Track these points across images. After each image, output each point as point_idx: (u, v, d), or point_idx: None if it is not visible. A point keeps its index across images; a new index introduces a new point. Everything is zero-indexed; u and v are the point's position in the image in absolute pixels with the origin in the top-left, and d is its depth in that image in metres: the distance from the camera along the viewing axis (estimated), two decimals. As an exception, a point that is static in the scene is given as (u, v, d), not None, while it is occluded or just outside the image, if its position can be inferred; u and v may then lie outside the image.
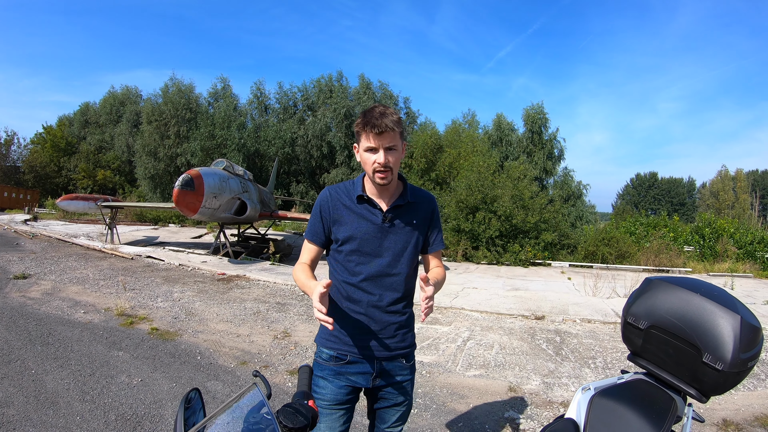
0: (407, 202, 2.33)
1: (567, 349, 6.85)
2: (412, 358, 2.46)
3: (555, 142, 31.44)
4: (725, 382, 2.01)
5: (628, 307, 2.41)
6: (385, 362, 2.33)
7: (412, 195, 2.37)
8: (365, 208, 2.29)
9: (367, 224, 2.28)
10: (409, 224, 2.34)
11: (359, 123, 2.17)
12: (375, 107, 2.18)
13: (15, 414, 4.10)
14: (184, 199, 12.40)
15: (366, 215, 2.29)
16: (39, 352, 5.61)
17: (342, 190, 2.37)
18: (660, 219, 24.91)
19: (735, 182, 57.76)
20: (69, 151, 42.23)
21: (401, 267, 2.31)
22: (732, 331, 1.97)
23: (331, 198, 2.34)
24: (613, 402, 2.14)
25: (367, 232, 2.27)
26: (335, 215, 2.31)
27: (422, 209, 2.40)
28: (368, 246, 2.27)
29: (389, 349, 2.32)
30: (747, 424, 4.70)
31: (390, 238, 2.29)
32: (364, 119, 2.14)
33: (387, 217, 2.28)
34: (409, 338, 2.41)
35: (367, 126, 2.12)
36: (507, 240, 17.98)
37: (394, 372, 2.36)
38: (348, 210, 2.30)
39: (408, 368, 2.42)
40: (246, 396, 1.28)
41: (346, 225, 2.29)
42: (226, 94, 33.67)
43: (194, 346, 6.20)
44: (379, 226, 2.28)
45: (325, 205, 2.33)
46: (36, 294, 8.36)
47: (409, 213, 2.34)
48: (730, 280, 14.47)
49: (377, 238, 2.28)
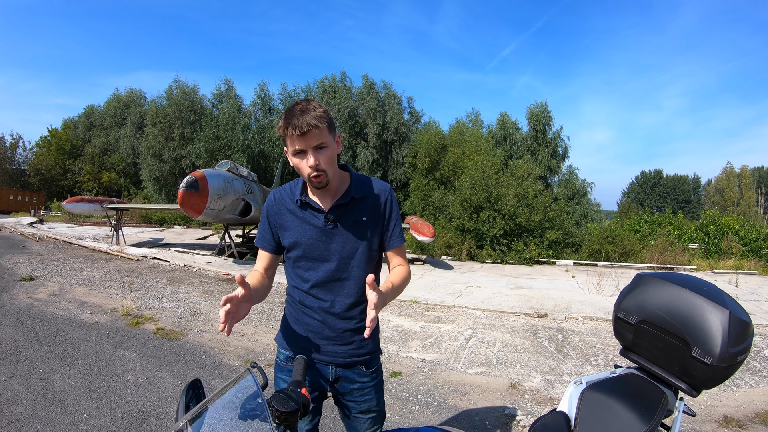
0: (351, 199, 2.14)
1: (569, 346, 6.89)
2: (374, 364, 2.32)
3: (559, 141, 31.39)
4: (714, 376, 2.03)
5: (619, 303, 2.45)
6: (342, 369, 2.22)
7: (358, 189, 2.17)
8: (308, 212, 2.15)
9: (310, 228, 2.13)
10: (357, 223, 2.15)
11: (281, 126, 1.97)
12: (296, 104, 1.99)
13: (23, 412, 4.17)
14: (188, 200, 12.49)
15: (308, 219, 2.14)
16: (46, 351, 5.68)
17: (286, 193, 2.23)
18: (664, 216, 24.91)
19: (740, 179, 57.48)
20: (74, 153, 42.46)
21: (352, 271, 2.16)
22: (720, 326, 1.99)
23: (275, 203, 2.23)
24: (603, 395, 2.18)
25: (311, 237, 2.13)
26: (280, 221, 2.20)
27: (372, 204, 2.20)
28: (314, 251, 2.14)
29: (345, 356, 2.20)
30: (748, 421, 4.71)
31: (336, 241, 2.13)
32: (285, 121, 1.95)
33: (329, 219, 2.12)
34: (368, 345, 2.26)
35: (289, 127, 1.92)
36: (511, 239, 18.05)
37: (353, 379, 2.24)
38: (291, 215, 2.18)
39: (368, 375, 2.28)
40: (240, 382, 1.34)
41: (291, 230, 2.17)
42: (230, 95, 33.75)
43: (199, 345, 6.27)
44: (322, 230, 2.12)
45: (271, 210, 2.23)
46: (43, 295, 8.45)
47: (355, 210, 2.16)
48: (735, 277, 14.47)
49: (322, 242, 2.13)
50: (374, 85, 31.54)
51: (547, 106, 31.10)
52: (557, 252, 18.73)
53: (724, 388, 5.52)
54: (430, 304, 9.05)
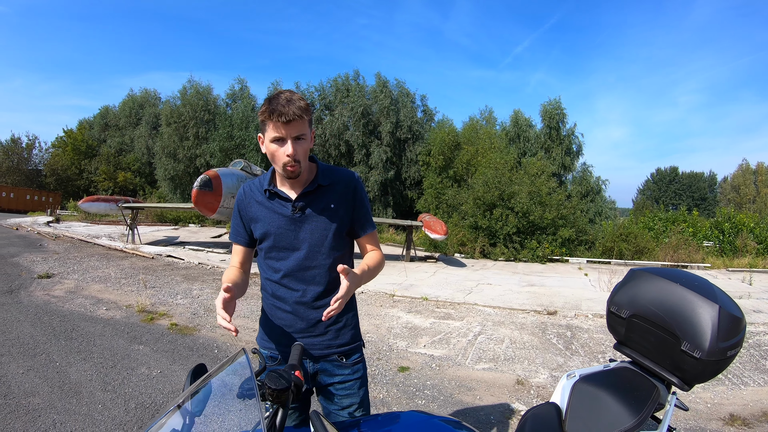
0: (318, 186, 2.15)
1: (577, 343, 6.92)
2: (355, 356, 2.30)
3: (573, 138, 31.22)
4: (705, 371, 2.06)
5: (612, 297, 2.49)
6: (321, 361, 2.22)
7: (324, 177, 2.18)
8: (276, 202, 2.16)
9: (278, 218, 2.14)
10: (325, 210, 2.16)
11: (264, 111, 1.98)
12: (281, 93, 2.00)
13: (40, 402, 4.29)
14: (202, 199, 12.65)
15: (277, 208, 2.15)
16: (63, 346, 5.82)
17: (255, 186, 2.25)
18: (679, 214, 24.74)
19: (756, 176, 56.88)
20: (89, 153, 42.97)
21: (321, 258, 2.16)
22: (710, 320, 2.02)
23: (245, 196, 2.24)
24: (595, 388, 2.23)
25: (280, 227, 2.14)
26: (250, 213, 2.21)
27: (339, 191, 2.20)
28: (283, 240, 2.15)
29: (321, 348, 2.19)
30: (754, 420, 4.71)
31: (305, 229, 2.14)
32: (269, 107, 1.95)
33: (296, 207, 2.13)
34: (345, 335, 2.25)
35: (274, 114, 1.93)
36: (524, 236, 18.04)
37: (332, 371, 2.23)
38: (260, 206, 2.19)
39: (349, 367, 2.26)
40: (237, 360, 1.43)
41: (260, 222, 2.18)
42: (244, 94, 33.97)
43: (212, 340, 6.39)
44: (290, 218, 2.13)
45: (242, 203, 2.24)
46: (60, 292, 8.62)
47: (322, 198, 2.17)
48: (749, 275, 14.37)
49: (291, 230, 2.14)
50: (387, 83, 31.58)
51: (561, 103, 30.96)
52: (570, 250, 18.68)
53: (731, 386, 5.52)
54: (440, 301, 9.11)
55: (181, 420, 1.29)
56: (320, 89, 34.04)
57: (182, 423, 1.28)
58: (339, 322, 2.23)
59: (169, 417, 1.29)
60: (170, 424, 1.27)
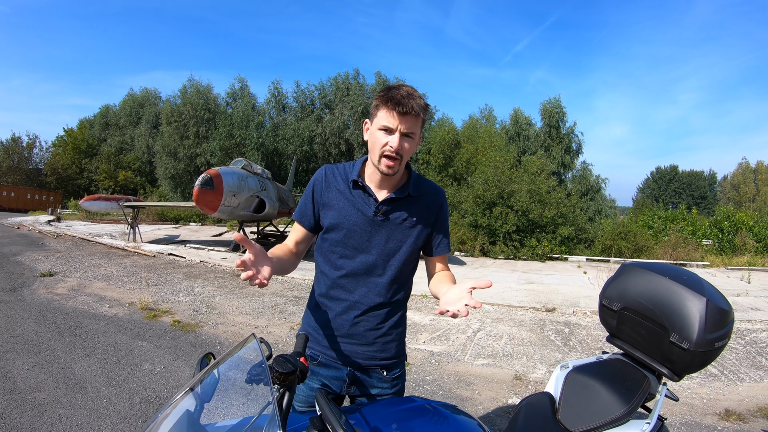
0: (407, 196, 2.02)
1: (575, 340, 7.00)
2: (396, 371, 2.18)
3: (573, 136, 31.40)
4: (693, 361, 2.14)
5: (604, 291, 2.58)
6: (360, 372, 2.10)
7: (415, 188, 2.05)
8: (359, 195, 2.02)
9: (356, 214, 2.00)
10: (407, 221, 2.04)
11: (381, 96, 1.84)
12: (402, 85, 1.86)
13: (46, 398, 4.37)
14: (204, 197, 12.72)
15: (357, 203, 2.01)
16: (67, 342, 5.90)
17: (339, 171, 2.11)
18: (678, 212, 24.80)
19: (756, 174, 56.94)
20: (90, 153, 43.04)
21: (389, 269, 2.05)
22: (698, 313, 2.09)
23: (326, 179, 2.09)
24: (587, 378, 2.32)
25: (356, 224, 2.00)
26: (326, 198, 2.06)
27: (425, 205, 2.09)
28: (355, 239, 2.02)
29: (365, 358, 2.08)
30: (750, 415, 4.78)
31: (381, 234, 2.01)
32: (388, 93, 1.83)
33: (380, 210, 1.99)
34: (391, 349, 2.13)
35: (391, 102, 1.80)
36: (524, 235, 18.11)
37: (370, 384, 2.12)
38: (340, 194, 2.04)
39: (389, 381, 2.14)
40: (247, 346, 1.51)
41: (334, 211, 2.03)
42: (244, 93, 34.11)
43: (214, 336, 6.47)
44: (369, 219, 1.99)
45: (319, 185, 2.09)
46: (62, 290, 8.69)
47: (408, 208, 2.03)
48: (747, 273, 14.44)
49: (366, 231, 2.01)
50: (387, 81, 31.69)
51: (561, 102, 31.15)
52: (570, 248, 18.77)
53: (727, 382, 5.60)
54: (439, 298, 9.16)
55: (193, 402, 1.37)
56: (320, 88, 34.19)
57: (194, 405, 1.36)
58: (389, 335, 2.11)
59: (182, 399, 1.37)
60: (183, 405, 1.35)
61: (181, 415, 1.32)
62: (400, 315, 2.18)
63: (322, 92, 34.15)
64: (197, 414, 1.35)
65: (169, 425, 1.27)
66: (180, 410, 1.33)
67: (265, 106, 34.57)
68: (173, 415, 1.31)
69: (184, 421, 1.30)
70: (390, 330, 2.11)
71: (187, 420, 1.31)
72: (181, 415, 1.31)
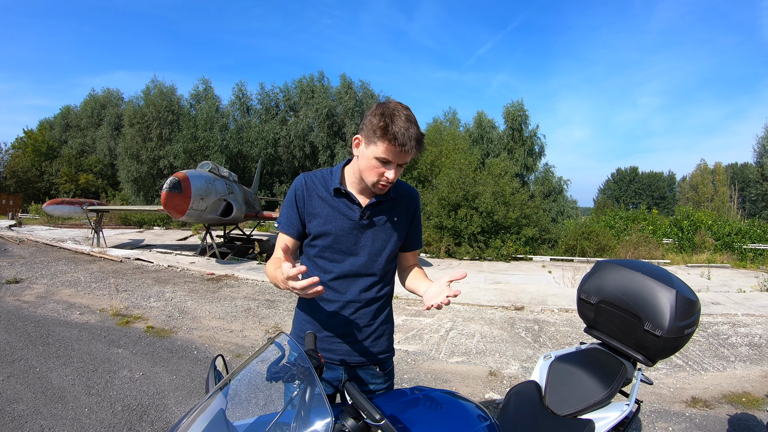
0: (389, 198, 2.14)
1: (545, 336, 7.22)
2: (387, 366, 2.33)
3: (535, 139, 31.99)
4: (665, 347, 2.38)
5: (581, 286, 2.82)
6: (356, 369, 2.21)
7: (394, 191, 2.17)
8: (343, 203, 2.11)
9: (343, 220, 2.10)
10: (390, 221, 2.16)
11: (380, 126, 1.86)
12: (398, 112, 1.89)
13: (25, 409, 4.33)
14: (171, 201, 12.61)
15: (343, 210, 2.10)
16: (41, 351, 5.84)
17: (318, 179, 2.16)
18: (639, 212, 25.50)
19: (714, 175, 58.70)
20: (51, 155, 41.94)
21: (377, 267, 2.16)
22: (668, 303, 2.33)
23: (306, 187, 2.14)
24: (569, 366, 2.55)
25: (343, 229, 2.09)
26: (309, 206, 2.12)
27: (404, 205, 2.22)
28: (343, 243, 2.11)
29: (360, 355, 2.18)
30: (715, 401, 5.07)
31: (367, 236, 2.13)
32: (390, 127, 1.85)
33: (365, 214, 2.10)
34: (382, 344, 2.25)
35: (392, 139, 1.85)
36: (489, 236, 18.36)
37: (366, 381, 2.23)
38: (323, 202, 2.11)
39: (381, 377, 2.27)
40: (268, 348, 1.62)
41: (320, 219, 2.10)
42: (208, 95, 33.73)
43: (190, 342, 6.47)
44: (356, 223, 2.10)
45: (300, 194, 2.13)
46: (30, 297, 8.55)
47: (389, 209, 2.16)
48: (707, 270, 14.98)
49: (353, 235, 2.11)
50: (352, 84, 31.79)
51: (524, 105, 31.72)
52: (534, 248, 19.14)
53: (692, 372, 5.89)
54: (410, 299, 9.30)
55: (221, 402, 1.46)
56: (285, 90, 34.13)
57: (223, 405, 1.45)
58: (380, 330, 2.24)
59: (212, 400, 1.46)
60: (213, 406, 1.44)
61: (212, 415, 1.41)
62: (388, 311, 2.31)
63: (286, 94, 34.03)
64: (226, 413, 1.45)
65: (202, 426, 1.37)
66: (210, 411, 1.42)
67: (229, 108, 34.29)
68: (204, 416, 1.40)
69: (215, 421, 1.39)
70: (381, 325, 2.24)
71: (217, 420, 1.40)
72: (212, 416, 1.41)
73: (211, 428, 1.36)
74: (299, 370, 1.50)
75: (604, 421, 2.27)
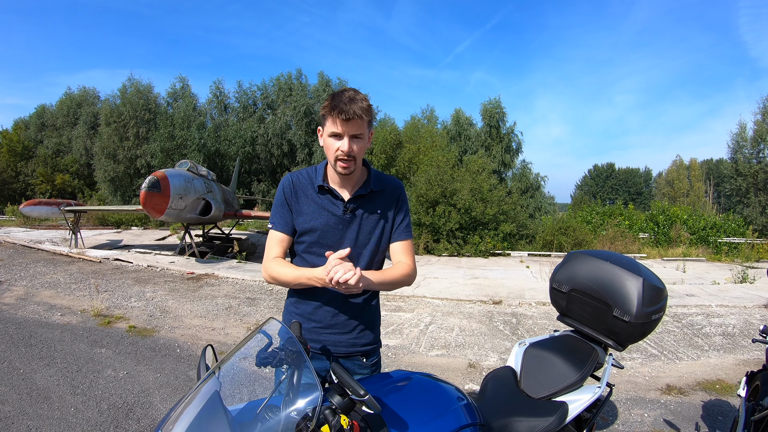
0: (370, 191, 2.25)
1: (523, 329, 7.41)
2: (374, 357, 2.42)
3: (513, 136, 32.18)
4: (634, 332, 2.54)
5: (553, 275, 2.99)
6: (342, 360, 2.29)
7: (376, 183, 2.28)
8: (327, 199, 2.22)
9: (327, 215, 2.20)
10: (373, 214, 2.25)
11: (326, 106, 2.05)
12: (345, 91, 2.07)
13: (11, 410, 4.38)
14: (151, 200, 12.56)
15: (327, 206, 2.21)
16: (24, 353, 5.86)
17: (304, 177, 2.28)
18: (615, 208, 25.85)
19: (689, 171, 59.50)
20: (26, 155, 41.16)
21: (362, 259, 2.25)
22: (635, 290, 2.50)
23: (293, 185, 2.26)
24: (543, 351, 2.72)
25: (328, 224, 2.20)
26: (296, 204, 2.24)
27: (387, 198, 2.31)
28: (329, 238, 2.21)
29: (347, 346, 2.28)
30: (689, 389, 5.31)
31: (352, 229, 2.22)
32: (332, 102, 2.03)
33: (348, 208, 2.21)
34: (367, 335, 2.34)
35: (335, 110, 2.01)
36: (467, 232, 18.52)
37: (353, 370, 2.32)
38: (308, 199, 2.23)
39: (368, 367, 2.36)
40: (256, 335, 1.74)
41: (306, 215, 2.22)
42: (185, 93, 33.36)
43: (172, 340, 6.54)
44: (339, 218, 2.20)
45: (289, 191, 2.25)
46: (10, 300, 8.51)
47: (372, 202, 2.26)
48: (683, 264, 15.32)
49: (338, 229, 2.21)
50: (330, 82, 31.76)
51: (501, 103, 31.84)
52: (512, 244, 19.33)
53: (667, 361, 6.13)
54: (390, 294, 9.44)
55: (214, 387, 1.57)
56: (263, 88, 33.92)
57: (215, 389, 1.56)
58: (367, 321, 2.34)
59: (204, 384, 1.57)
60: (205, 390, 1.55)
61: (207, 397, 1.52)
62: (375, 303, 2.42)
63: (264, 92, 33.83)
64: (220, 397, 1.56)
65: (197, 409, 1.47)
66: (205, 393, 1.53)
67: (206, 106, 33.92)
68: (199, 398, 1.51)
69: (210, 402, 1.50)
70: (367, 317, 2.34)
71: (212, 401, 1.51)
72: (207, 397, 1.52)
73: (208, 409, 1.47)
74: (288, 354, 1.63)
75: (577, 403, 2.41)
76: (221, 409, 1.50)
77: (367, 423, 1.73)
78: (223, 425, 1.44)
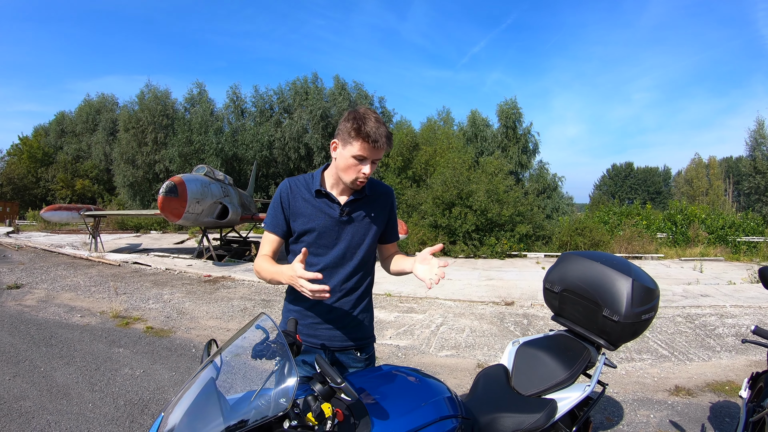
0: (365, 196, 2.36)
1: (533, 330, 7.44)
2: (368, 350, 2.51)
3: (529, 136, 32.16)
4: (624, 332, 2.58)
5: (546, 276, 3.06)
6: (337, 353, 2.39)
7: (370, 189, 2.39)
8: (324, 202, 2.33)
9: (324, 217, 2.31)
10: (367, 217, 2.37)
11: (354, 128, 2.12)
12: (368, 115, 2.16)
13: (32, 406, 4.54)
14: (168, 205, 12.80)
15: (324, 209, 2.32)
16: (44, 352, 6.03)
17: (301, 183, 2.39)
18: (633, 207, 25.65)
19: (708, 169, 58.75)
20: (46, 161, 41.96)
21: (356, 258, 2.36)
22: (625, 290, 2.54)
23: (291, 190, 2.36)
24: (535, 350, 2.77)
25: (325, 225, 2.31)
26: (294, 207, 2.34)
27: (380, 203, 2.44)
28: (325, 238, 2.32)
29: (342, 340, 2.37)
30: (698, 390, 5.26)
31: (347, 231, 2.34)
32: (362, 127, 2.11)
33: (344, 211, 2.31)
34: (361, 330, 2.44)
35: (366, 137, 2.10)
36: (483, 234, 18.48)
37: (347, 364, 2.41)
38: (306, 202, 2.34)
39: (363, 361, 2.45)
40: (250, 328, 1.85)
41: (304, 217, 2.32)
42: (203, 99, 33.79)
43: (188, 341, 6.69)
44: (336, 220, 2.31)
45: (285, 196, 2.35)
46: (31, 302, 8.73)
47: (366, 206, 2.38)
48: (700, 263, 15.13)
49: (334, 230, 2.32)
50: (345, 85, 32.00)
51: (517, 103, 31.86)
52: (528, 245, 19.25)
53: (677, 362, 6.10)
54: (403, 296, 9.52)
55: (211, 374, 1.69)
56: (279, 92, 34.21)
57: (212, 377, 1.68)
58: (361, 317, 2.44)
59: (201, 373, 1.69)
60: (203, 377, 1.67)
61: (203, 383, 1.64)
62: (368, 299, 2.51)
63: (280, 96, 34.14)
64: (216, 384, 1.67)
65: (195, 393, 1.59)
66: (201, 380, 1.66)
67: (223, 111, 34.41)
68: (196, 385, 1.63)
69: (206, 389, 1.62)
70: (361, 313, 2.43)
71: (207, 389, 1.63)
72: (204, 384, 1.64)
73: (203, 394, 1.60)
74: (278, 347, 1.74)
75: (566, 400, 2.46)
76: (215, 396, 1.61)
77: (351, 411, 1.85)
78: (216, 410, 1.55)
